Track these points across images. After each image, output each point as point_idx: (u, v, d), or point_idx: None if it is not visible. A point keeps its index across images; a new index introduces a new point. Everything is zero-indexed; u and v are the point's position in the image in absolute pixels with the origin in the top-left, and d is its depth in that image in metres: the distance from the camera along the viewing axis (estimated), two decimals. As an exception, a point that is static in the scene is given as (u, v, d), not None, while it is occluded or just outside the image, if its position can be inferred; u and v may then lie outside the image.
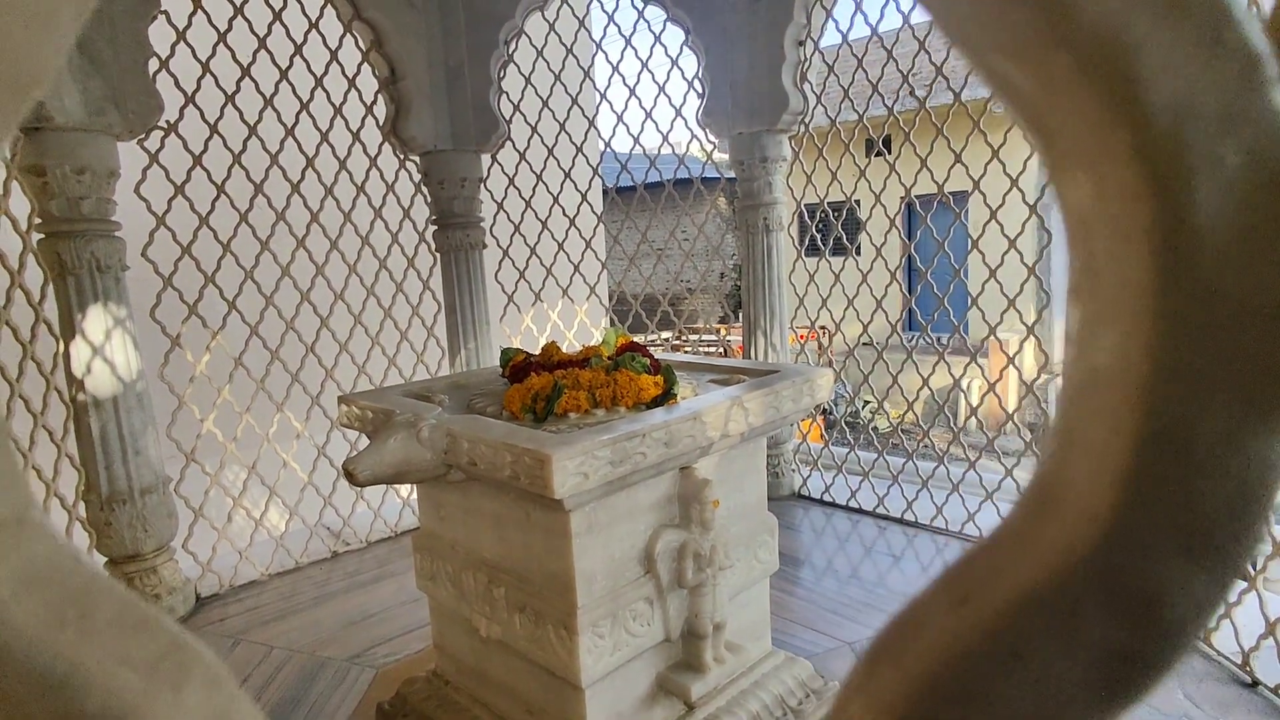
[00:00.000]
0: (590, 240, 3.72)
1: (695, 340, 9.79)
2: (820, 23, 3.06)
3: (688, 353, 6.35)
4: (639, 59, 3.43)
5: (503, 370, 1.88)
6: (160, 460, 2.58)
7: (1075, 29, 0.22)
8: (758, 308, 3.34)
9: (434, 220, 3.41)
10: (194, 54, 2.62)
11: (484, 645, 1.68)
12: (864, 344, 3.24)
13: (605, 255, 4.13)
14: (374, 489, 3.02)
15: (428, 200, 3.42)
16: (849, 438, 3.49)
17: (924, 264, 3.04)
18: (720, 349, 9.29)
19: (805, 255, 3.35)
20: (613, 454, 1.35)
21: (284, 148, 2.88)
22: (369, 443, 1.47)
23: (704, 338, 10.01)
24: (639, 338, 3.46)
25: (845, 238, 3.17)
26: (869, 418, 7.30)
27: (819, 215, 3.45)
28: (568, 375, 1.58)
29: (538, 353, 1.85)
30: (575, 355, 1.79)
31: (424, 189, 3.40)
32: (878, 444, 3.32)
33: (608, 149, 3.70)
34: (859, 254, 3.22)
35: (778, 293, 3.34)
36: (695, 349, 9.28)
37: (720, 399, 1.59)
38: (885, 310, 3.13)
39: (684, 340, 9.53)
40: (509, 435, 1.37)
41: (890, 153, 3.06)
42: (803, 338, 5.36)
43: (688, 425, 1.48)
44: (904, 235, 3.09)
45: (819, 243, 3.36)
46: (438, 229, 3.41)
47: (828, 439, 3.63)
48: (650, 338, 5.53)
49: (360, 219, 3.13)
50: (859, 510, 3.28)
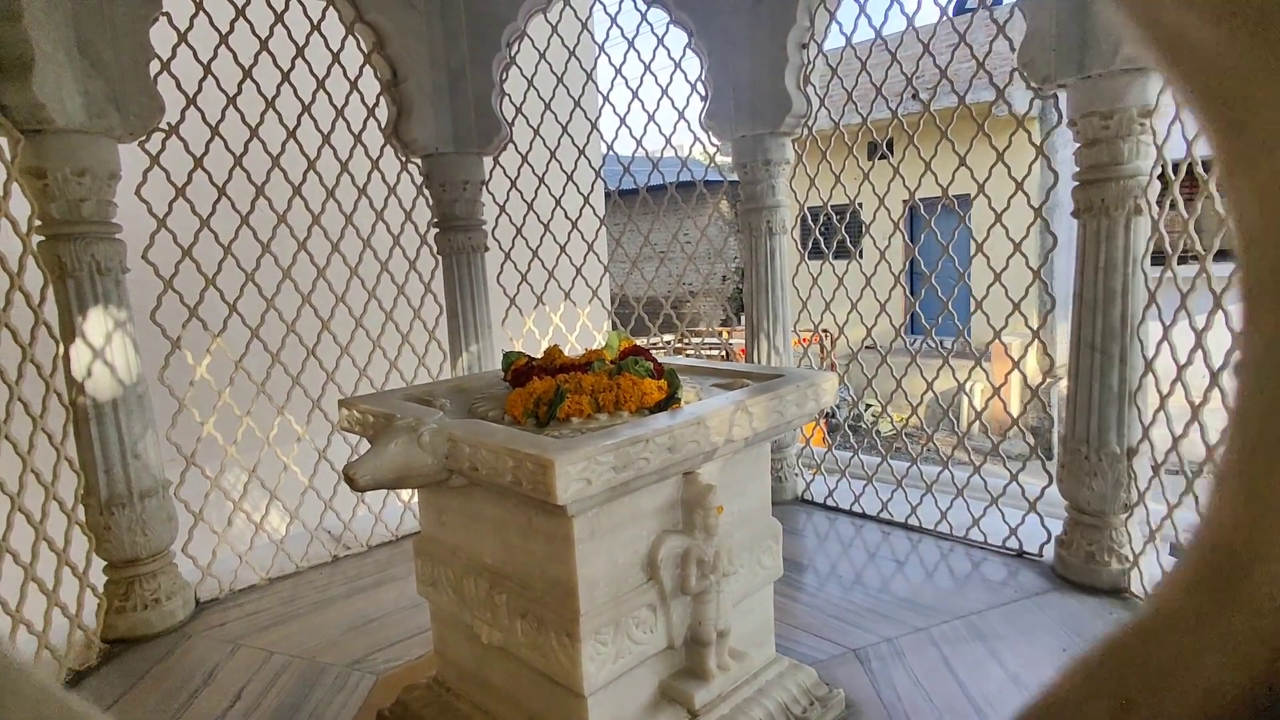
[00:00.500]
0: (593, 243, 3.71)
1: (698, 343, 9.78)
2: (823, 25, 3.05)
3: (690, 356, 6.34)
4: (642, 61, 3.41)
5: (505, 374, 1.87)
6: (160, 463, 2.56)
7: None
8: (761, 311, 3.33)
9: (436, 223, 3.40)
10: (195, 56, 2.62)
11: (485, 652, 1.67)
12: (867, 347, 3.22)
13: (608, 258, 4.12)
14: (375, 493, 3.01)
15: (429, 203, 3.41)
16: (852, 442, 3.48)
17: (927, 267, 3.03)
18: (722, 352, 9.28)
19: (808, 258, 3.34)
20: (616, 459, 1.33)
21: (285, 150, 2.87)
22: (370, 447, 1.46)
23: (706, 340, 10.00)
24: (641, 341, 3.45)
25: (848, 241, 3.15)
26: (872, 421, 7.27)
27: (822, 218, 3.44)
28: (570, 379, 1.57)
29: (540, 356, 1.83)
30: (578, 359, 1.78)
31: (426, 191, 3.39)
32: (881, 448, 3.30)
33: (610, 151, 3.69)
34: (862, 257, 3.21)
35: (781, 296, 3.33)
36: (698, 352, 9.27)
37: (724, 403, 1.58)
38: (889, 314, 3.12)
39: (686, 343, 9.52)
40: (511, 440, 1.36)
41: (894, 155, 3.05)
42: (805, 341, 5.35)
43: (691, 430, 1.47)
44: (907, 238, 3.07)
45: (822, 246, 3.35)
46: (439, 232, 3.40)
47: (831, 443, 3.61)
48: (653, 341, 5.52)
49: (362, 221, 3.12)
50: (862, 515, 3.26)
